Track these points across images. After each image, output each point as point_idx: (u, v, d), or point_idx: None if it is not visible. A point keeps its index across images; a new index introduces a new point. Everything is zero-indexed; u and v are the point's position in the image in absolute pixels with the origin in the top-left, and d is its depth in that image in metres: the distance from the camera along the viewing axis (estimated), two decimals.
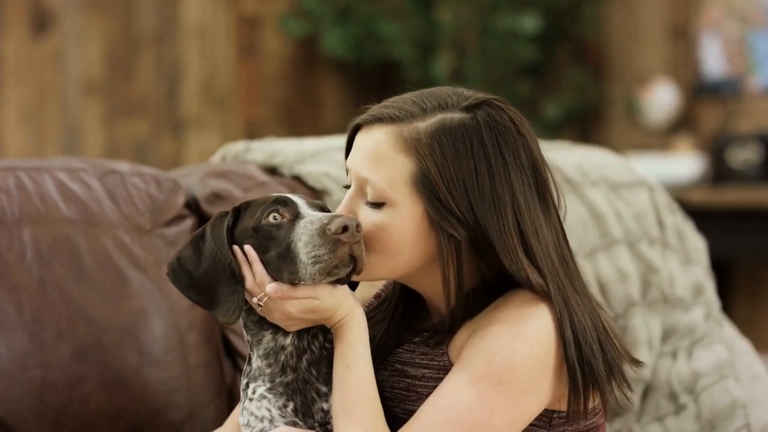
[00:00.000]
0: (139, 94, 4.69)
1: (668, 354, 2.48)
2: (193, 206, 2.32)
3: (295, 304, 1.73)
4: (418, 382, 1.79)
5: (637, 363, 1.82)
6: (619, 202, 2.58)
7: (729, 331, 2.58)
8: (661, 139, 5.05)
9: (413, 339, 1.83)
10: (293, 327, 1.76)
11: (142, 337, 2.16)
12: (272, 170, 2.43)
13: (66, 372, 2.08)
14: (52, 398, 2.07)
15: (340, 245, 1.68)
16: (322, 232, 1.69)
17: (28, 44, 4.47)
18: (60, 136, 4.53)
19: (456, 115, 1.74)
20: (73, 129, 4.55)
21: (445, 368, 1.76)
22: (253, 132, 4.81)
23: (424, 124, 1.74)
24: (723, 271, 4.66)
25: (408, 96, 1.79)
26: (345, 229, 1.68)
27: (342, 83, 5.10)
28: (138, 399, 2.13)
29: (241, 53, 4.91)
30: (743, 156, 4.69)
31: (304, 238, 1.70)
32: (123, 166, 2.32)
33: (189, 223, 2.29)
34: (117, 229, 2.22)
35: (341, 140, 2.58)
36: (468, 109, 1.75)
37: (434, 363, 1.79)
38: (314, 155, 2.47)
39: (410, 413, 1.75)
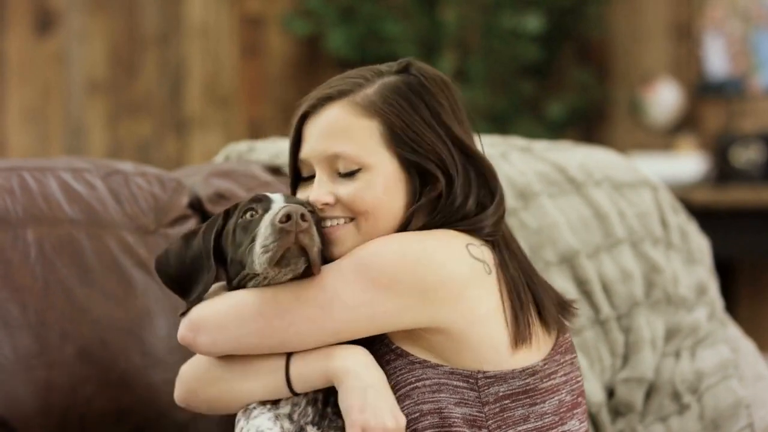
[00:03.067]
0: (143, 94, 4.69)
1: (671, 354, 2.48)
2: (196, 206, 2.32)
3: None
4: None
5: (570, 304, 1.91)
6: (623, 201, 2.58)
7: (732, 330, 2.58)
8: (665, 138, 5.05)
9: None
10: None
11: (147, 338, 2.16)
12: (276, 170, 2.43)
13: (70, 372, 2.09)
14: (57, 399, 2.07)
15: (284, 234, 1.73)
16: (272, 222, 1.74)
17: (32, 44, 4.47)
18: (63, 136, 4.53)
19: (393, 78, 1.88)
20: (77, 128, 4.55)
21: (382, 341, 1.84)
22: (256, 132, 4.81)
23: (371, 90, 1.86)
24: (726, 270, 4.66)
25: (340, 76, 1.91)
26: (288, 217, 1.73)
27: None
28: (142, 399, 2.13)
29: (245, 53, 4.91)
30: (747, 156, 4.68)
31: (261, 230, 1.76)
32: (126, 166, 2.32)
33: (192, 223, 2.29)
34: (121, 229, 2.22)
35: None
36: (400, 71, 1.89)
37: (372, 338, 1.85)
38: None
39: None
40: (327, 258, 1.85)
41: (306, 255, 1.75)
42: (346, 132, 1.84)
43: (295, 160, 1.90)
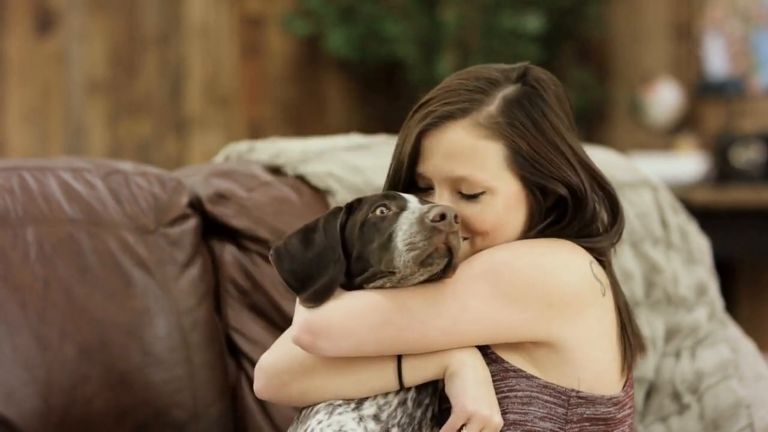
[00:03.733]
0: (143, 94, 4.69)
1: (672, 354, 2.48)
2: (196, 206, 2.32)
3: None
4: None
5: (644, 347, 1.89)
6: (623, 201, 2.58)
7: (732, 330, 2.58)
8: (665, 138, 5.05)
9: None
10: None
11: (146, 337, 2.16)
12: (276, 170, 2.43)
13: (70, 372, 2.09)
14: (57, 398, 2.07)
15: (436, 233, 1.69)
16: (421, 220, 1.70)
17: (32, 44, 4.47)
18: (64, 136, 4.53)
19: (511, 89, 1.84)
20: (77, 128, 4.55)
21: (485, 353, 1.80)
22: (256, 132, 4.81)
23: (493, 107, 1.82)
24: (726, 270, 4.66)
25: (457, 85, 1.85)
26: (443, 217, 1.69)
27: (346, 83, 5.10)
28: (142, 399, 2.13)
29: (245, 53, 4.91)
30: (747, 155, 4.68)
31: (403, 227, 1.72)
32: (126, 165, 2.32)
33: (192, 222, 2.29)
34: (121, 228, 2.22)
35: (345, 140, 2.59)
36: (517, 80, 1.85)
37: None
38: (318, 155, 2.47)
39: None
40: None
41: (450, 256, 1.72)
42: (471, 156, 1.80)
43: (411, 170, 1.85)
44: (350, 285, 1.79)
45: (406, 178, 1.86)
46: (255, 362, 2.20)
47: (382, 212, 1.76)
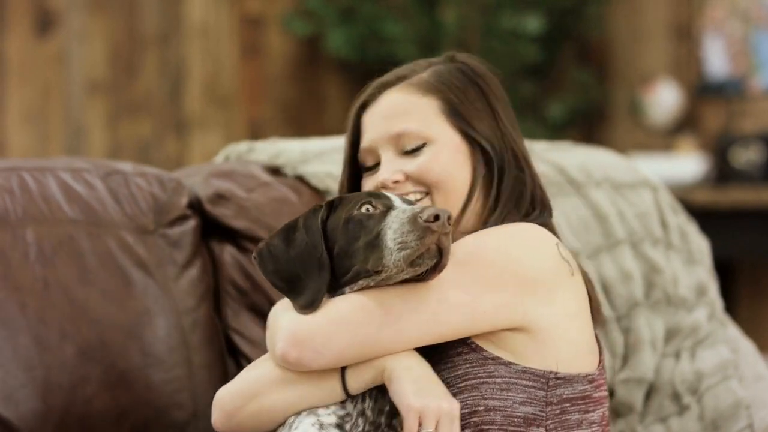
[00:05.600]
0: (143, 94, 4.69)
1: (671, 354, 2.48)
2: (196, 206, 2.32)
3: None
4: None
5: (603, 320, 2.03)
6: (623, 202, 2.58)
7: (732, 331, 2.57)
8: (665, 139, 5.05)
9: None
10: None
11: (146, 338, 2.16)
12: (276, 171, 2.43)
13: (70, 372, 2.09)
14: (56, 398, 2.07)
15: (429, 234, 1.69)
16: (414, 219, 1.71)
17: (32, 44, 4.47)
18: (63, 136, 4.53)
19: (443, 65, 1.98)
20: (77, 129, 4.55)
21: None
22: (256, 132, 4.81)
23: (425, 74, 1.96)
24: (726, 271, 4.66)
25: (395, 69, 2.00)
26: (437, 218, 1.70)
27: (346, 83, 5.10)
28: (142, 399, 2.13)
29: (245, 53, 4.91)
30: (746, 156, 4.68)
31: (393, 226, 1.72)
32: (126, 166, 2.32)
33: (192, 223, 2.29)
34: (120, 229, 2.22)
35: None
36: (448, 60, 2.00)
37: None
38: (318, 155, 2.47)
39: None
40: None
41: (440, 257, 1.72)
42: (406, 110, 1.92)
43: (354, 155, 1.96)
44: (333, 283, 1.79)
45: (351, 164, 1.96)
46: None
47: (368, 210, 1.77)
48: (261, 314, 2.27)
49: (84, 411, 2.09)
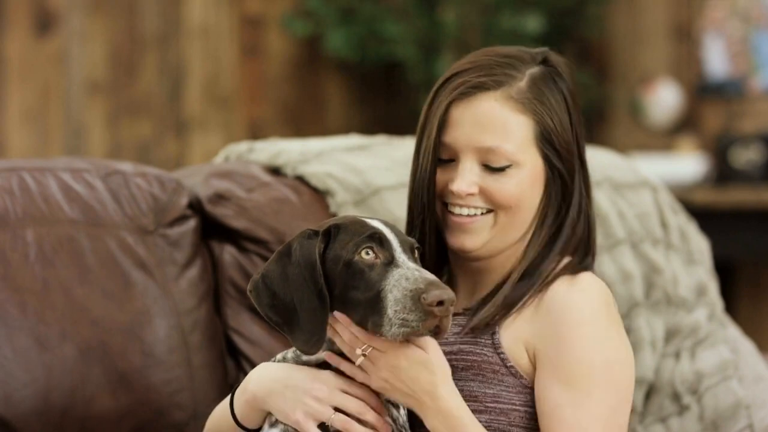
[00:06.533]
0: (143, 95, 4.69)
1: (671, 355, 2.47)
2: (196, 207, 2.32)
3: (408, 354, 1.71)
4: (453, 356, 1.81)
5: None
6: (623, 202, 2.58)
7: (732, 331, 2.57)
8: (665, 139, 5.05)
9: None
10: (390, 391, 1.75)
11: (146, 338, 2.16)
12: (275, 171, 2.43)
13: (70, 372, 2.09)
14: (56, 399, 2.07)
15: (431, 317, 1.65)
16: (417, 297, 1.65)
17: (32, 44, 4.47)
18: (63, 137, 4.53)
19: (537, 69, 1.87)
20: (77, 129, 4.55)
21: (494, 346, 1.80)
22: (256, 132, 4.81)
23: (523, 83, 1.85)
24: (726, 271, 4.65)
25: (486, 61, 1.87)
26: (441, 303, 1.65)
27: (345, 83, 5.10)
28: (142, 400, 2.13)
29: (245, 53, 4.91)
30: (746, 156, 4.68)
31: (395, 293, 1.67)
32: (126, 166, 2.32)
33: (192, 223, 2.29)
34: (120, 229, 2.22)
35: (345, 140, 2.59)
36: (542, 62, 1.89)
37: (478, 340, 1.81)
38: (318, 155, 2.46)
39: None
40: (453, 246, 1.84)
41: (437, 330, 1.69)
42: (504, 127, 1.83)
43: (438, 139, 1.85)
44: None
45: (433, 147, 1.85)
46: (255, 363, 2.21)
47: (368, 254, 1.71)
48: (261, 314, 2.27)
49: (84, 411, 2.09)
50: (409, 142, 2.62)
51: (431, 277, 1.69)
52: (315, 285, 1.71)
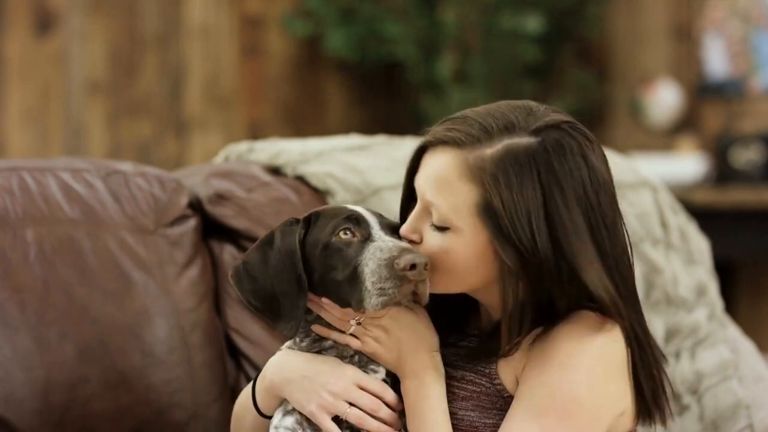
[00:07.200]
0: (143, 95, 4.69)
1: (671, 354, 2.48)
2: (196, 206, 2.32)
3: (397, 316, 1.75)
4: (455, 383, 1.80)
5: (669, 411, 1.82)
6: (623, 202, 2.57)
7: (732, 331, 2.57)
8: (665, 139, 5.05)
9: (459, 342, 1.85)
10: (380, 354, 1.76)
11: (146, 338, 2.16)
12: (275, 171, 2.43)
13: (70, 372, 2.09)
14: (56, 398, 2.07)
15: (406, 282, 1.68)
16: (390, 264, 1.68)
17: (32, 44, 4.47)
18: (63, 136, 4.53)
19: (522, 140, 1.72)
20: (77, 129, 4.55)
21: (490, 377, 1.77)
22: (256, 132, 4.81)
23: (490, 151, 1.71)
24: (726, 271, 4.66)
25: (474, 115, 1.76)
26: (413, 266, 1.67)
27: (345, 83, 5.10)
28: (141, 399, 2.13)
29: (245, 53, 4.91)
30: (747, 156, 4.68)
31: (371, 265, 1.69)
32: (126, 166, 2.32)
33: (192, 223, 2.29)
34: (120, 229, 2.22)
35: (345, 140, 2.59)
36: (536, 132, 1.72)
37: (478, 369, 1.79)
38: (318, 155, 2.47)
39: None
40: None
41: (416, 297, 1.72)
42: (444, 187, 1.73)
43: (411, 182, 1.82)
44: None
45: (407, 188, 1.84)
46: (254, 363, 2.21)
47: (345, 234, 1.73)
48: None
49: (84, 411, 2.09)
50: (409, 142, 2.62)
51: (405, 244, 1.71)
52: (294, 270, 1.73)
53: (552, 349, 1.73)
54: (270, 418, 1.83)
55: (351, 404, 1.75)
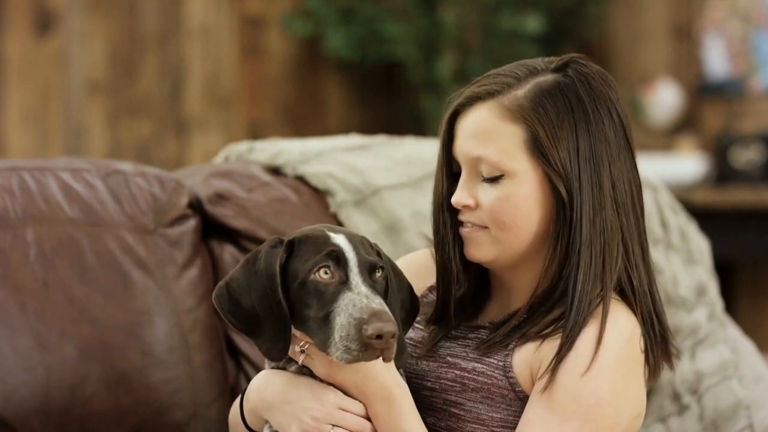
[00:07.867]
0: (143, 95, 4.69)
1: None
2: (196, 206, 2.33)
3: None
4: (467, 374, 1.80)
5: (675, 351, 1.90)
6: None
7: (732, 331, 2.57)
8: (665, 139, 5.05)
9: (469, 335, 1.84)
10: (337, 380, 1.76)
11: (146, 338, 2.16)
12: (275, 171, 2.43)
13: (70, 372, 2.09)
14: (56, 398, 2.07)
15: (371, 349, 1.66)
16: (359, 327, 1.66)
17: (32, 44, 4.47)
18: (63, 136, 4.53)
19: (549, 77, 1.80)
20: (77, 129, 4.55)
21: (504, 369, 1.77)
22: (256, 132, 4.81)
23: (522, 91, 1.79)
24: (726, 271, 4.66)
25: (497, 70, 1.84)
26: (379, 336, 1.65)
27: (345, 83, 5.10)
28: (141, 399, 2.13)
29: (245, 53, 4.91)
30: (747, 156, 4.68)
31: (341, 319, 1.68)
32: (126, 166, 2.32)
33: (192, 223, 2.29)
34: (120, 229, 2.22)
35: (345, 140, 2.60)
36: (558, 69, 1.82)
37: (491, 361, 1.79)
38: (318, 155, 2.47)
39: (450, 404, 1.79)
40: (468, 257, 1.82)
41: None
42: (489, 135, 1.78)
43: (449, 156, 1.84)
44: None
45: (445, 160, 1.85)
46: (254, 362, 2.21)
47: (325, 273, 1.71)
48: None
49: (84, 411, 2.09)
50: (409, 142, 2.62)
51: (377, 306, 1.68)
52: (274, 296, 1.72)
53: (575, 351, 1.74)
54: None
55: (334, 425, 1.74)
